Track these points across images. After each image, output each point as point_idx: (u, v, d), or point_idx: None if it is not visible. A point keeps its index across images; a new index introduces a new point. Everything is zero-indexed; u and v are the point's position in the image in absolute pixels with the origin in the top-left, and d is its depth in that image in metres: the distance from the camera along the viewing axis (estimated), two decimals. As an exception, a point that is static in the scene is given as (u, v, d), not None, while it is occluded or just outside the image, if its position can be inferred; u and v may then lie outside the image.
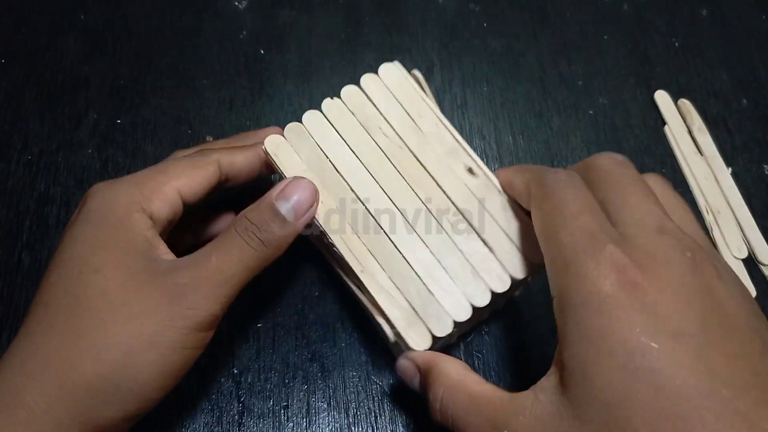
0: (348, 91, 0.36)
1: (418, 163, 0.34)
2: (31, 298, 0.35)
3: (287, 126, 0.35)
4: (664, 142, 0.49)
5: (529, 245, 0.32)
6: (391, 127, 0.35)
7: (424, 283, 0.32)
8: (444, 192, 0.34)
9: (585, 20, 0.53)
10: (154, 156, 0.45)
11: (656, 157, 0.48)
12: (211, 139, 0.46)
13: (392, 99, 0.36)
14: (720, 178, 0.47)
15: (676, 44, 0.53)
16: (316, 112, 0.36)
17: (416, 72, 0.38)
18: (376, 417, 0.38)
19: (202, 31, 0.51)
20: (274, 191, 0.31)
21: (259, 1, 0.52)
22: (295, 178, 0.32)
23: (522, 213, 0.33)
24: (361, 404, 0.38)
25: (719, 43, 0.53)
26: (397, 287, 0.32)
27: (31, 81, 0.48)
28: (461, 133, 0.48)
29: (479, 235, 0.33)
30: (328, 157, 0.34)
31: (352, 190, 0.34)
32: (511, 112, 0.49)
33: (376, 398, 0.38)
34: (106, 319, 0.28)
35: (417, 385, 0.31)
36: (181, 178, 0.32)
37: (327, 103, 0.36)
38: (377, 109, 0.36)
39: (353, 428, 0.38)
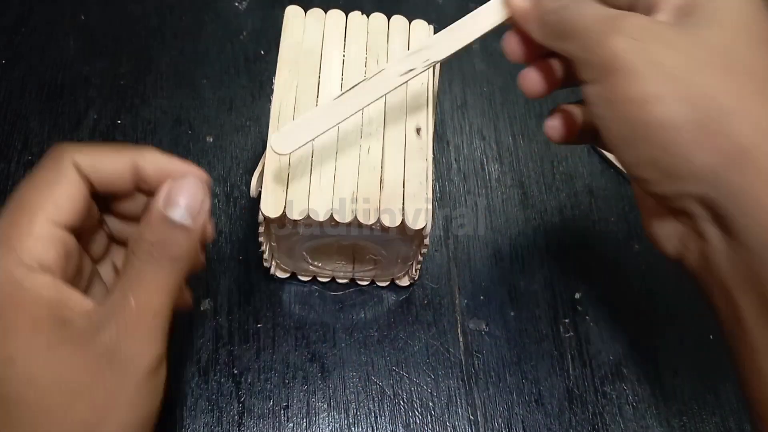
0: (376, 16, 0.38)
1: (384, 98, 0.36)
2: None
3: (313, 8, 0.38)
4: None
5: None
6: (386, 60, 0.37)
7: (311, 169, 0.33)
8: (384, 126, 0.35)
9: (585, 20, 0.53)
10: (154, 156, 0.45)
11: (656, 158, 0.48)
12: (211, 140, 0.46)
13: (405, 43, 0.38)
14: None
15: (676, 44, 0.53)
16: (340, 13, 0.38)
17: None
18: (376, 417, 0.38)
19: (202, 31, 0.51)
20: (159, 200, 0.27)
21: (259, 1, 0.52)
22: (174, 180, 0.28)
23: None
24: (361, 404, 0.38)
25: (719, 44, 0.53)
26: (290, 157, 0.33)
27: (31, 81, 0.48)
28: (461, 134, 0.48)
29: (380, 180, 0.34)
30: (321, 53, 0.37)
31: (318, 84, 0.36)
32: (511, 113, 0.49)
33: (376, 398, 0.38)
34: (48, 409, 0.25)
35: None
36: (46, 207, 0.26)
37: (353, 15, 0.38)
38: (387, 41, 0.37)
39: (353, 428, 0.38)
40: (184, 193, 0.27)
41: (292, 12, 0.38)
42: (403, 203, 0.33)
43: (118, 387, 0.26)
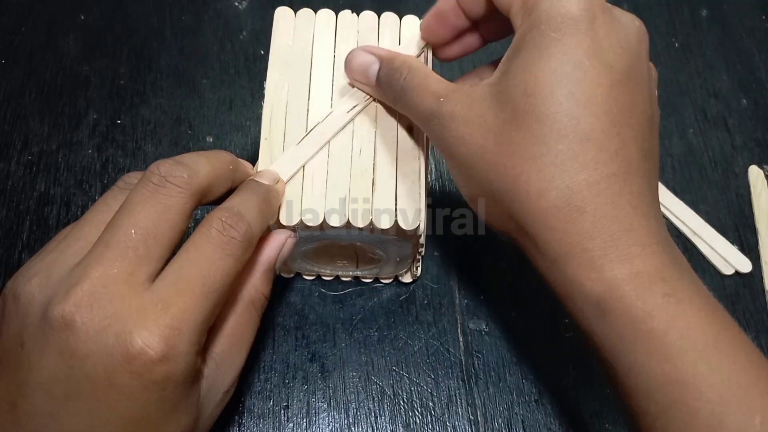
0: (366, 14, 0.37)
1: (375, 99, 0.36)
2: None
3: (303, 9, 0.37)
4: (663, 143, 0.49)
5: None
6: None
7: (303, 181, 0.33)
8: (375, 126, 0.35)
9: (585, 20, 0.53)
10: (154, 156, 0.45)
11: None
12: (211, 140, 0.46)
13: (396, 39, 0.37)
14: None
15: (676, 44, 0.53)
16: (330, 12, 0.37)
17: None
18: (376, 417, 0.38)
19: (202, 31, 0.51)
20: (276, 262, 0.32)
21: (259, 1, 0.52)
22: (279, 238, 0.32)
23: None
24: (361, 404, 0.38)
25: (719, 43, 0.53)
26: (282, 171, 0.34)
27: (31, 81, 0.48)
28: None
29: (373, 181, 0.33)
30: (312, 56, 0.36)
31: (309, 86, 0.35)
32: (511, 112, 0.49)
33: (376, 398, 0.38)
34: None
35: (374, 72, 0.33)
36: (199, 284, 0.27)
37: (343, 13, 0.37)
38: (378, 39, 0.37)
39: (353, 428, 0.38)
40: (287, 251, 0.33)
41: (282, 14, 0.37)
42: (396, 204, 0.33)
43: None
